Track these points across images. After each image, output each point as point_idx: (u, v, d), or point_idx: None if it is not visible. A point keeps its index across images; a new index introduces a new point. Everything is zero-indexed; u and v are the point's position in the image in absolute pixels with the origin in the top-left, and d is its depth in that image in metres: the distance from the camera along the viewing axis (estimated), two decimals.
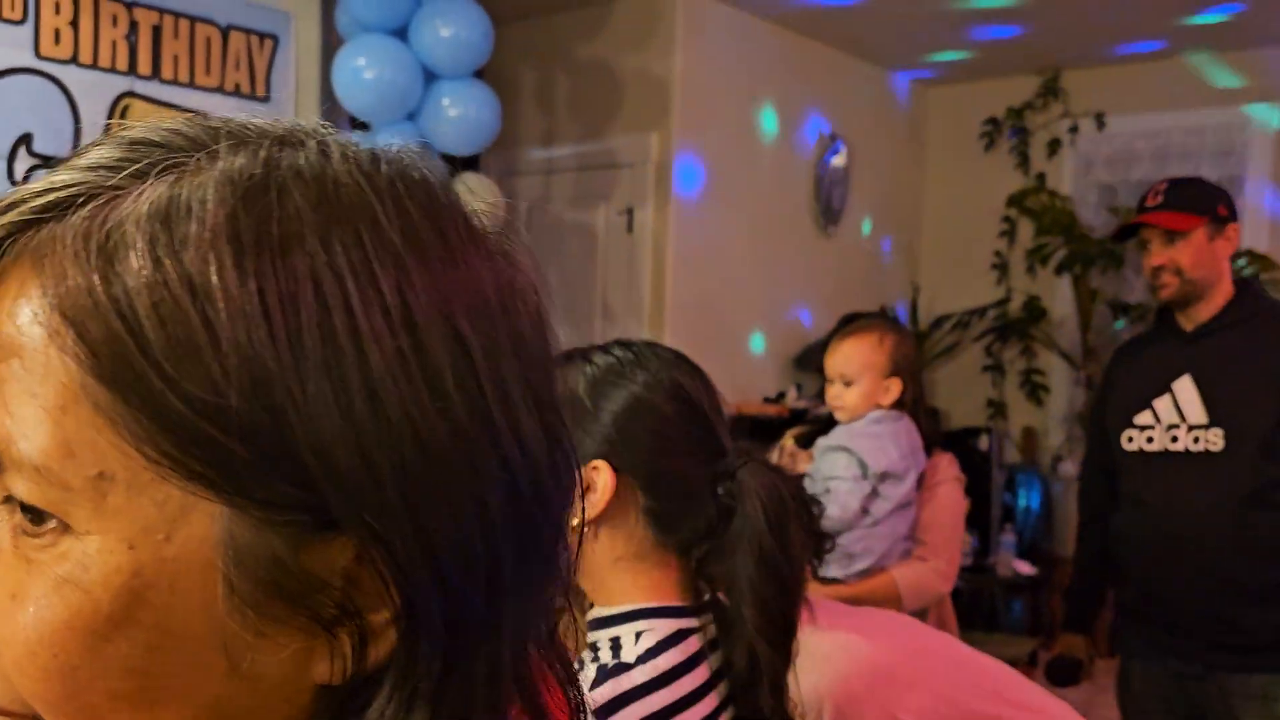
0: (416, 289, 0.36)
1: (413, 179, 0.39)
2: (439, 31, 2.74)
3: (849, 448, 2.03)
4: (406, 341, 0.35)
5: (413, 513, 0.35)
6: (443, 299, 0.37)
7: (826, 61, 4.65)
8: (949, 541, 2.15)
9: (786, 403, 4.36)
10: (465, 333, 0.37)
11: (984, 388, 4.99)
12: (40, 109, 2.51)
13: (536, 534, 0.39)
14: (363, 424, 0.34)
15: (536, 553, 0.39)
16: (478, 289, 0.38)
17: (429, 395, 0.35)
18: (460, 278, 0.38)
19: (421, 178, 0.39)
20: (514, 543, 0.38)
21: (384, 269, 0.36)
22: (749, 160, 4.31)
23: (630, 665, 0.91)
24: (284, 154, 0.38)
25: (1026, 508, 4.57)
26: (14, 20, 2.46)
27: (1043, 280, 4.79)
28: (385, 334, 0.35)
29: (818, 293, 4.67)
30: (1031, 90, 4.86)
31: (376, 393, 0.35)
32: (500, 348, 0.38)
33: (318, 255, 0.35)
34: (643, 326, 4.05)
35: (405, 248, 0.37)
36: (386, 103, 2.72)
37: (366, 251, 0.36)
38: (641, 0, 4.00)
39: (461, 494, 0.36)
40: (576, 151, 4.27)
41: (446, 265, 0.38)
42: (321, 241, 0.35)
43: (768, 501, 0.94)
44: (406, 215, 0.37)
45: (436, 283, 0.37)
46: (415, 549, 0.35)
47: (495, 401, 0.37)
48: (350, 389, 0.34)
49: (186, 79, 2.73)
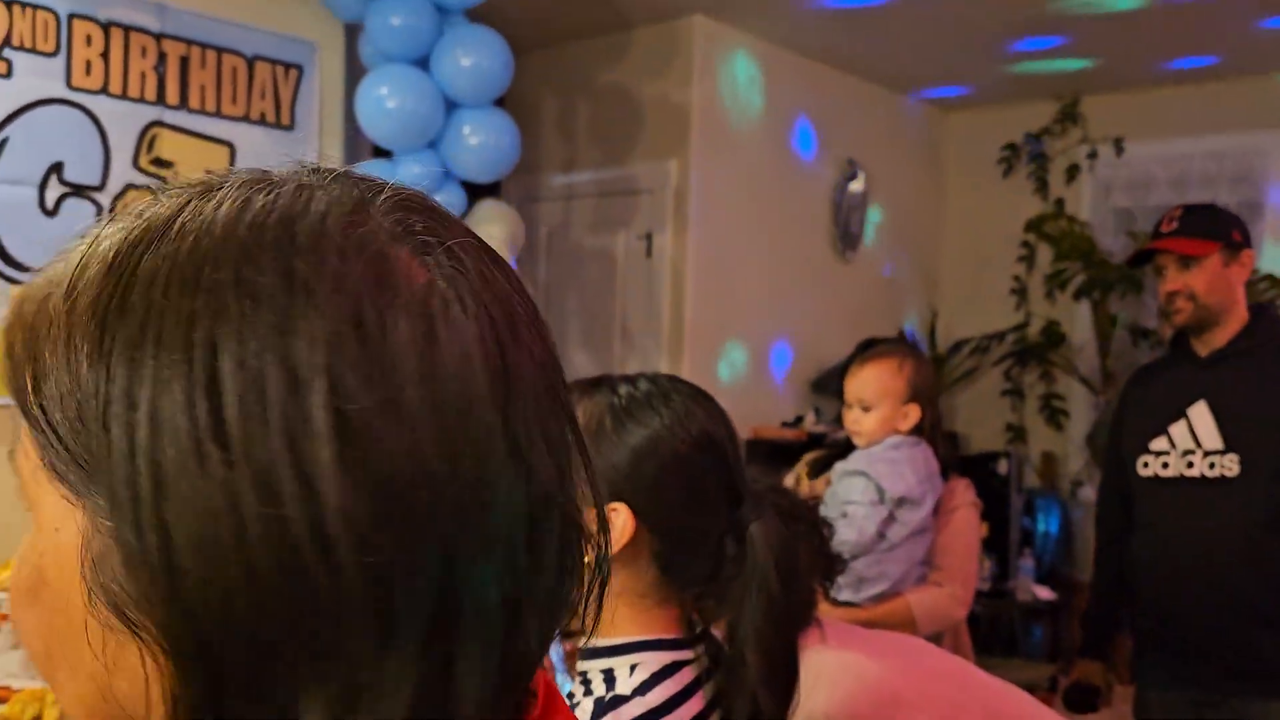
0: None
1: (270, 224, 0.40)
2: (460, 61, 2.79)
3: (867, 472, 2.04)
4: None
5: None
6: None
7: (844, 87, 4.68)
8: (964, 567, 2.15)
9: (804, 427, 4.37)
10: (224, 374, 0.36)
11: (1003, 412, 4.98)
12: (71, 138, 2.57)
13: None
14: (139, 465, 0.37)
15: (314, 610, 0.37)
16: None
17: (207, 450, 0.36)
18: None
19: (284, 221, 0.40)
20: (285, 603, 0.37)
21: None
22: (767, 186, 4.34)
23: (627, 697, 0.92)
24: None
25: (1045, 532, 4.55)
26: (47, 52, 2.52)
27: (1061, 305, 4.78)
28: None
29: (836, 317, 4.69)
30: (1050, 115, 4.87)
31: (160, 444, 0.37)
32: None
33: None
34: (661, 350, 4.08)
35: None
36: (408, 131, 2.77)
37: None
38: (661, 29, 4.05)
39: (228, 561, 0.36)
40: (596, 177, 4.31)
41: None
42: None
43: (779, 556, 0.95)
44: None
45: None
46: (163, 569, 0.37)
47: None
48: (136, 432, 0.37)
49: (213, 108, 2.78)
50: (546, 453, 0.42)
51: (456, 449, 0.38)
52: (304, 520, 0.36)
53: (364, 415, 0.37)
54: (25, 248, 2.51)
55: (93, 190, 2.61)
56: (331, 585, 0.36)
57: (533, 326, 0.43)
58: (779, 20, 3.99)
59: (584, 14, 3.97)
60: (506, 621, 0.40)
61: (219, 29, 2.79)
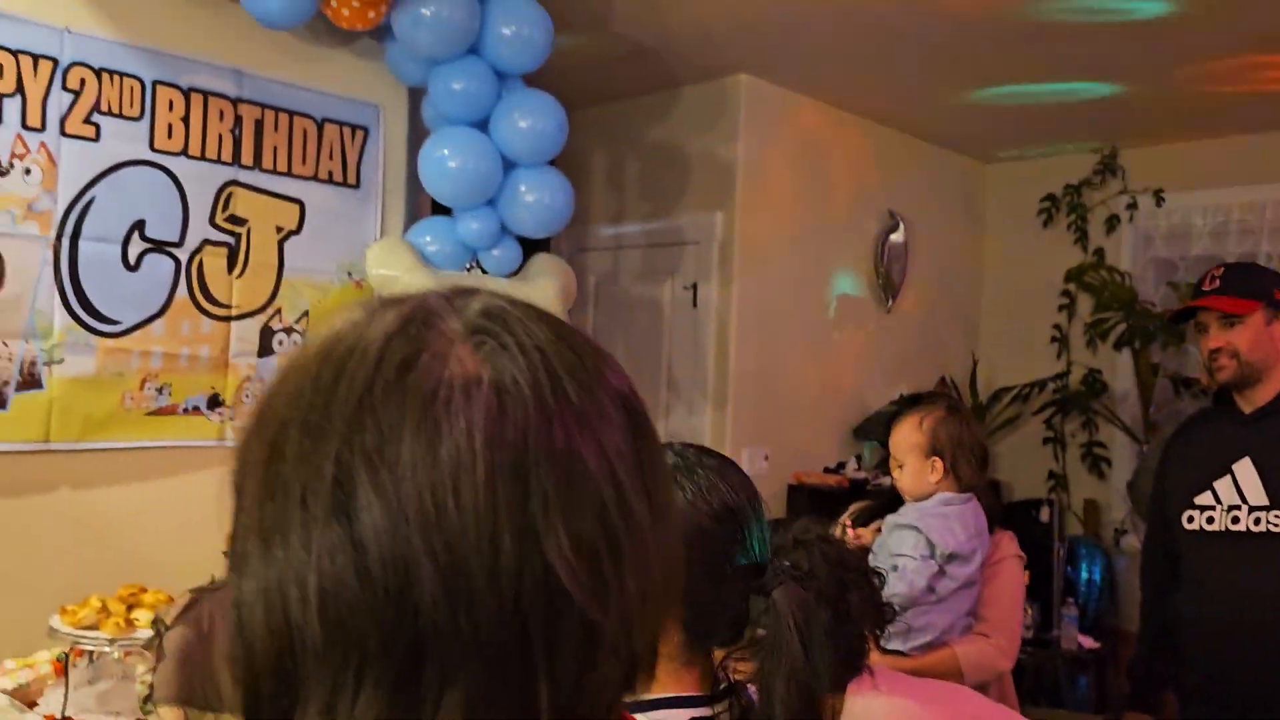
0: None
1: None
2: (518, 124, 2.90)
3: (918, 527, 2.10)
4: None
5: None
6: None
7: (884, 140, 4.77)
8: (1009, 619, 2.20)
9: (846, 473, 4.42)
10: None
11: (1045, 460, 5.00)
12: (153, 197, 2.71)
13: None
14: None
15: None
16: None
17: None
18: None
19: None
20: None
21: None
22: (810, 237, 4.43)
23: None
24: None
25: (1089, 580, 4.54)
26: (133, 117, 2.67)
27: (1103, 354, 4.81)
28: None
29: (878, 365, 4.75)
30: (1089, 167, 4.93)
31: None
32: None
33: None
34: (706, 397, 4.15)
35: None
36: (469, 190, 2.88)
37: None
38: (708, 86, 4.17)
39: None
40: (644, 229, 4.43)
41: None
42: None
43: (801, 622, 0.99)
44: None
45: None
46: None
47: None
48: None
49: (285, 168, 2.92)
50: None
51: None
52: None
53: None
54: (109, 301, 2.64)
55: (171, 246, 2.75)
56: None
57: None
58: (820, 78, 4.10)
59: (634, 73, 4.10)
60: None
61: (291, 93, 2.94)
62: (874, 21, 3.42)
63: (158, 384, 2.74)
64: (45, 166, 2.53)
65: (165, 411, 2.75)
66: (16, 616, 2.51)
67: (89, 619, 2.51)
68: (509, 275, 3.11)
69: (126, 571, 2.68)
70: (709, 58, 3.91)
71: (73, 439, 2.60)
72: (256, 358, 2.90)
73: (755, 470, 4.14)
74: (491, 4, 2.82)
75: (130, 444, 2.70)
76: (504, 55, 2.87)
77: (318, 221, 2.99)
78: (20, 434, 2.52)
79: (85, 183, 2.59)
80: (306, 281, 2.99)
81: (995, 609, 2.17)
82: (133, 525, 2.71)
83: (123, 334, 2.67)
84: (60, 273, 2.56)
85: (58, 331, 2.57)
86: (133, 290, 2.68)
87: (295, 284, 2.96)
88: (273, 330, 2.93)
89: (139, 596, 2.62)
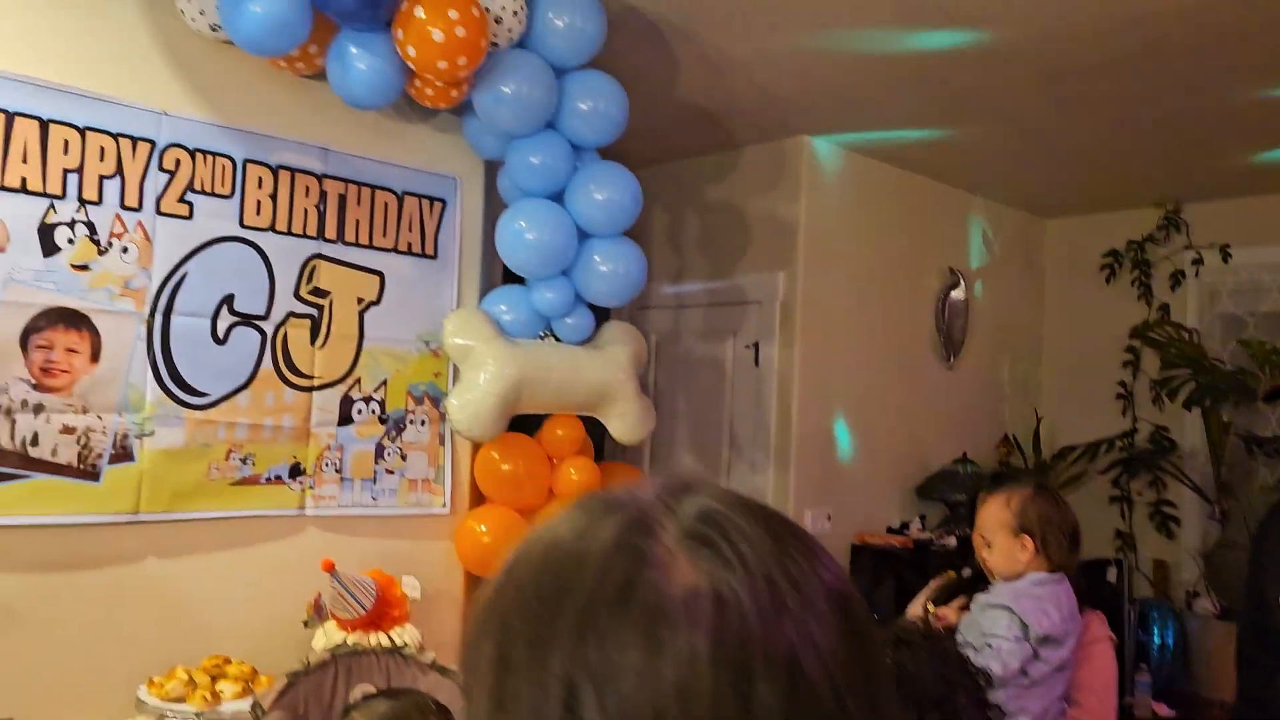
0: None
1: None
2: (593, 195, 2.94)
3: (1012, 608, 2.08)
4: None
5: None
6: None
7: (944, 198, 4.78)
8: (1103, 704, 2.17)
9: (909, 533, 4.38)
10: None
11: (1111, 519, 4.93)
12: (242, 272, 2.78)
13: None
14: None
15: None
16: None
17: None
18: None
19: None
20: None
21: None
22: (871, 296, 4.43)
23: None
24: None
25: (1162, 645, 4.46)
26: (224, 195, 2.75)
27: (1170, 411, 4.75)
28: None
29: (940, 423, 4.72)
30: (1152, 221, 4.90)
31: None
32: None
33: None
34: (769, 457, 4.15)
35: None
36: (545, 261, 2.92)
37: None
38: (769, 147, 4.21)
39: None
40: (706, 288, 4.45)
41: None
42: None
43: None
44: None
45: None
46: None
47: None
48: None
49: (366, 240, 2.99)
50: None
51: None
52: None
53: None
54: (198, 374, 2.70)
55: (258, 319, 2.81)
56: None
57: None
58: (880, 138, 4.12)
59: (696, 135, 4.15)
60: None
61: (374, 169, 3.00)
62: (937, 85, 3.44)
63: (242, 454, 2.79)
64: (141, 244, 2.60)
65: (249, 481, 2.80)
66: (104, 686, 2.55)
67: (176, 691, 2.55)
68: (582, 343, 3.14)
69: (209, 641, 2.72)
70: (771, 120, 3.95)
71: (161, 510, 2.66)
72: (337, 426, 2.95)
73: (818, 531, 4.12)
74: (569, 80, 2.88)
75: (215, 514, 2.75)
76: (580, 130, 2.92)
77: (397, 292, 3.05)
78: (112, 506, 2.57)
79: (179, 259, 2.66)
80: (385, 351, 3.04)
81: (1090, 695, 2.15)
82: (215, 595, 2.75)
83: (210, 405, 2.73)
84: (153, 347, 2.63)
85: (149, 404, 2.63)
86: (221, 363, 2.74)
87: (374, 353, 3.01)
88: (352, 399, 2.98)
89: (223, 668, 2.66)
